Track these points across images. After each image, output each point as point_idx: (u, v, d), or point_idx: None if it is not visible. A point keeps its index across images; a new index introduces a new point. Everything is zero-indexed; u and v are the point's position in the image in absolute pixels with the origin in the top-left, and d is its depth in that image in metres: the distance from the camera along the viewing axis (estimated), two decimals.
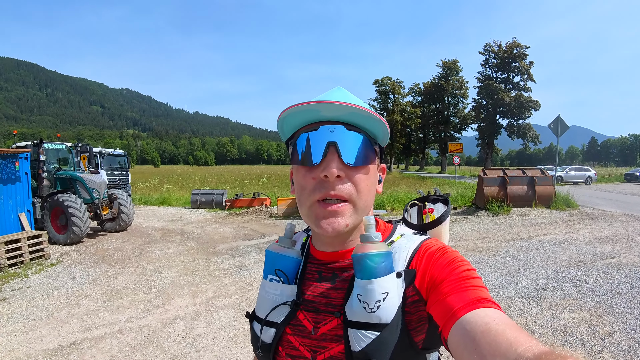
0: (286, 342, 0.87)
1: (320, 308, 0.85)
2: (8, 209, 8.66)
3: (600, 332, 4.39)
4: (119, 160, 19.87)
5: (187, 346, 4.37)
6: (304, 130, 0.82)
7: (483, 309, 0.65)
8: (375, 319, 0.73)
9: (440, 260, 0.78)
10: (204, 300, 5.83)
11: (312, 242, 0.96)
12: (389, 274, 0.76)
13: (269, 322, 0.88)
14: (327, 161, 0.78)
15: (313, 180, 0.80)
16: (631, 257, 7.41)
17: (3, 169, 8.59)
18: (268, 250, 0.95)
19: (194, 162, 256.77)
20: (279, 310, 0.88)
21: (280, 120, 0.85)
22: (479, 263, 7.31)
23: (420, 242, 0.84)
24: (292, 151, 0.85)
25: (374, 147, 0.85)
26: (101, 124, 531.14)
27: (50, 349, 4.33)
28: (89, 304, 5.72)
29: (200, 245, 9.73)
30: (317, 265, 0.92)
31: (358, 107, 0.77)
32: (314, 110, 0.79)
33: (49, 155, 11.38)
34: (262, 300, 0.92)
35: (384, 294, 0.74)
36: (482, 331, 0.60)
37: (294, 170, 0.88)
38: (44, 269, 7.62)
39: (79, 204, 9.76)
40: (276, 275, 0.90)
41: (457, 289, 0.70)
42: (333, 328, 0.81)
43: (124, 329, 4.83)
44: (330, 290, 0.86)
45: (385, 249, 0.77)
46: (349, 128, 0.80)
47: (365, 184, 0.82)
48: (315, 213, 0.80)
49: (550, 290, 5.77)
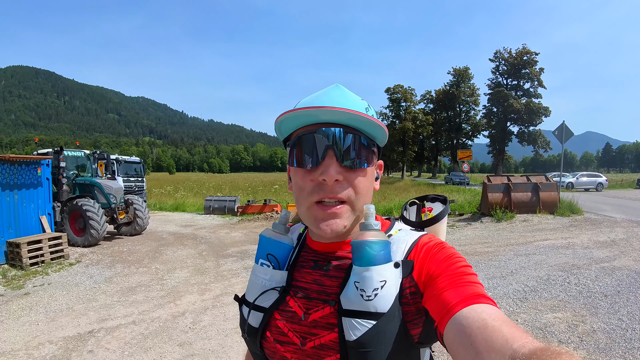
0: (274, 327, 0.87)
1: (312, 295, 0.85)
2: (30, 212, 9.12)
3: (579, 330, 4.62)
4: (135, 167, 20.46)
5: (193, 335, 4.77)
6: (301, 132, 0.82)
7: (479, 304, 0.65)
8: (372, 307, 0.73)
9: (437, 255, 0.79)
10: (212, 297, 6.23)
11: (309, 233, 0.97)
12: (387, 262, 0.76)
13: (257, 307, 0.89)
14: (326, 165, 0.78)
15: (311, 183, 0.80)
16: (626, 261, 7.58)
17: (26, 175, 9.03)
18: (262, 235, 0.95)
19: (209, 169, 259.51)
20: (267, 295, 0.89)
21: (278, 123, 0.85)
22: (474, 266, 7.53)
23: (419, 237, 0.85)
24: (289, 152, 0.86)
25: (372, 148, 0.85)
26: (117, 132, 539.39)
27: (69, 336, 4.75)
28: (105, 299, 6.16)
29: (211, 249, 10.11)
30: (312, 254, 0.92)
31: (357, 112, 0.77)
32: (312, 114, 0.79)
33: (68, 162, 11.88)
34: (251, 284, 0.93)
35: (382, 281, 0.74)
36: (478, 327, 0.61)
37: (292, 171, 0.87)
38: (63, 268, 8.07)
39: (96, 209, 10.21)
40: (267, 260, 0.91)
41: (454, 284, 0.71)
42: (325, 316, 0.82)
43: (137, 320, 5.25)
44: (324, 278, 0.87)
45: (384, 238, 0.79)
46: (348, 130, 0.80)
47: (364, 186, 0.83)
48: (314, 215, 0.81)
49: (539, 292, 6.03)
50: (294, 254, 0.95)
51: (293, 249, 0.96)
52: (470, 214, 14.80)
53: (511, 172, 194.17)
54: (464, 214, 15.00)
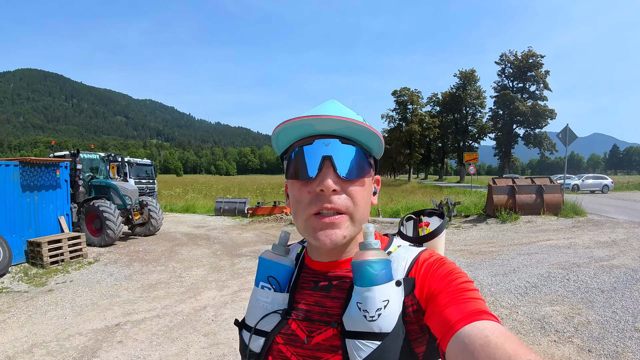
0: (276, 352, 0.86)
1: (314, 317, 0.84)
2: (49, 213, 9.49)
3: (575, 322, 4.95)
4: (146, 170, 20.86)
5: (216, 326, 5.14)
6: (298, 144, 0.83)
7: (482, 321, 0.65)
8: (376, 327, 0.72)
9: (438, 272, 0.78)
10: (230, 293, 6.60)
11: (307, 253, 0.96)
12: (388, 281, 0.76)
13: (258, 331, 0.87)
14: (323, 175, 0.78)
15: (309, 194, 0.80)
16: (624, 260, 7.84)
17: (45, 177, 9.40)
18: (261, 257, 0.94)
19: (216, 171, 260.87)
20: (269, 318, 0.87)
21: (275, 135, 0.85)
22: (478, 265, 7.90)
23: (419, 253, 0.85)
24: (287, 165, 0.85)
25: (368, 159, 0.85)
26: (125, 134, 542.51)
27: (98, 329, 5.11)
28: (128, 295, 6.53)
29: (224, 248, 10.48)
30: (313, 275, 0.91)
31: (352, 120, 0.78)
32: (308, 124, 0.79)
33: (83, 164, 12.24)
34: (252, 308, 0.91)
35: (384, 301, 0.73)
36: (482, 344, 0.60)
37: (289, 184, 0.87)
38: (83, 267, 8.45)
39: (112, 210, 10.58)
40: (268, 282, 0.90)
41: (455, 301, 0.71)
42: (328, 338, 0.80)
43: (161, 314, 5.62)
44: (326, 299, 0.85)
45: (384, 257, 0.78)
46: (344, 141, 0.80)
47: (362, 196, 0.83)
48: (312, 226, 0.80)
49: (539, 287, 6.34)
50: (293, 275, 0.94)
51: (294, 270, 0.95)
52: (476, 216, 15.05)
53: (518, 174, 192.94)
54: (470, 216, 15.25)
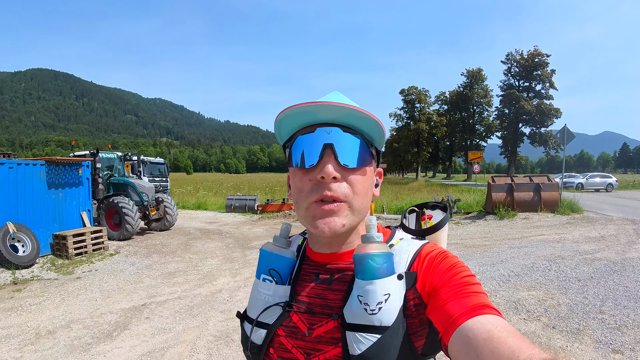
0: (277, 344, 0.86)
1: (315, 310, 0.84)
2: (72, 208, 10.23)
3: (546, 304, 5.55)
4: (159, 168, 21.72)
5: (232, 305, 5.85)
6: (300, 133, 0.82)
7: (484, 315, 0.65)
8: (377, 321, 0.73)
9: (440, 265, 0.78)
10: (243, 279, 7.29)
11: (308, 244, 0.96)
12: (390, 275, 0.75)
13: (259, 323, 0.88)
14: (324, 163, 0.78)
15: (310, 182, 0.79)
16: (608, 254, 8.38)
17: (69, 175, 10.14)
18: (262, 249, 0.94)
19: (226, 169, 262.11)
20: (270, 311, 0.87)
21: (277, 123, 0.85)
22: (470, 256, 8.53)
23: (421, 246, 0.85)
24: (289, 154, 0.85)
25: (370, 149, 0.84)
26: (135, 133, 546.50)
27: (127, 308, 5.81)
28: (150, 281, 7.24)
29: (236, 242, 11.14)
30: (314, 267, 0.91)
31: (354, 107, 0.77)
32: (310, 112, 0.79)
33: (102, 163, 12.98)
34: (254, 300, 0.92)
35: (385, 295, 0.73)
36: (484, 339, 0.60)
37: (290, 174, 0.87)
38: (105, 258, 9.15)
39: (131, 206, 11.28)
40: (270, 275, 0.90)
41: (457, 295, 0.71)
42: (329, 330, 0.81)
43: (182, 296, 6.33)
44: (327, 292, 0.85)
45: (386, 250, 0.78)
46: (346, 130, 0.80)
47: (362, 186, 0.82)
48: (312, 214, 0.79)
49: (521, 276, 6.95)
50: (295, 267, 0.93)
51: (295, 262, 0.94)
52: (476, 212, 15.67)
53: (527, 172, 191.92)
54: (471, 212, 15.87)
